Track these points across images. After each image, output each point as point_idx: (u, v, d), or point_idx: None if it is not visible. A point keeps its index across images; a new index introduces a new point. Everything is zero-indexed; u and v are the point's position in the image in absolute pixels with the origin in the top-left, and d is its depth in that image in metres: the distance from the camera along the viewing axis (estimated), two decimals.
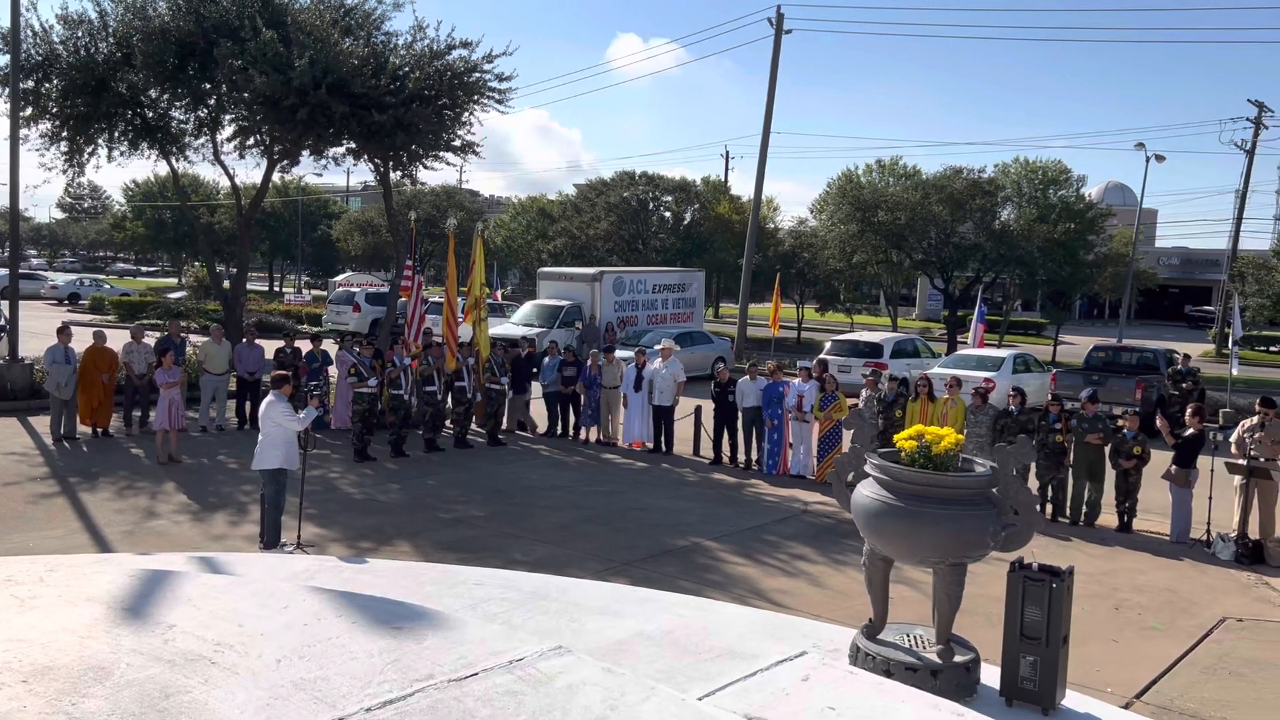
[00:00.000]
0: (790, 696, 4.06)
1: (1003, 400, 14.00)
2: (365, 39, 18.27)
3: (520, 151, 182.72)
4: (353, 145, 19.27)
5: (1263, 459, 11.19)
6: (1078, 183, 38.30)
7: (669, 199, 47.56)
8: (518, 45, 19.27)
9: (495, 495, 12.55)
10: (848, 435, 13.09)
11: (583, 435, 16.89)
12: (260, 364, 16.45)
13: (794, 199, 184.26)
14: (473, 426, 16.38)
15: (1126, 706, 6.64)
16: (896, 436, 5.64)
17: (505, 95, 18.89)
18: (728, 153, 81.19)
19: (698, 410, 16.06)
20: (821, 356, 21.89)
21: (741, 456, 15.11)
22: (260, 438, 9.63)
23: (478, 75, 18.44)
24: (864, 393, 14.10)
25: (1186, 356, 22.13)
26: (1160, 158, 44.46)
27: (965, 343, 30.63)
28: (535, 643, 4.03)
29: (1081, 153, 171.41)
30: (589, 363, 16.85)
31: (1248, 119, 45.75)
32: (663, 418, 15.87)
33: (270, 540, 9.61)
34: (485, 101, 18.80)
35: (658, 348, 16.87)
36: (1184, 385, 19.86)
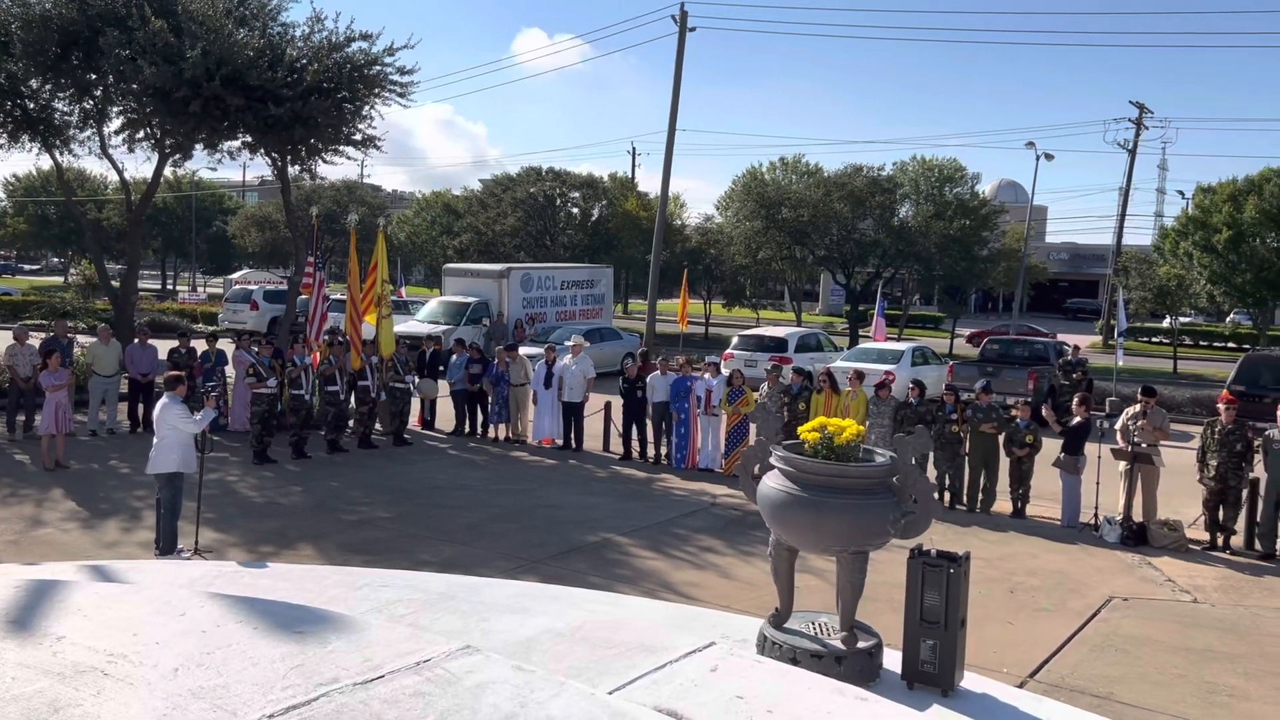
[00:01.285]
0: (699, 687, 4.10)
1: (903, 392, 14.38)
2: (261, 30, 17.76)
3: (424, 146, 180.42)
4: (248, 139, 18.74)
5: (1145, 445, 11.74)
6: (972, 180, 39.56)
7: (576, 195, 47.51)
8: (420, 39, 19.02)
9: (401, 496, 12.37)
10: (755, 428, 13.29)
11: (491, 433, 16.76)
12: (153, 365, 15.89)
13: (700, 196, 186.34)
14: (377, 426, 16.11)
15: (1021, 685, 6.89)
16: (800, 429, 5.74)
17: (407, 89, 18.62)
18: (634, 149, 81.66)
19: (607, 406, 16.09)
20: (726, 353, 22.12)
21: (651, 451, 15.20)
22: (155, 441, 9.31)
23: (378, 68, 18.12)
24: (764, 386, 14.33)
25: (1076, 348, 23.07)
26: (1049, 156, 46.31)
27: (867, 336, 31.36)
28: (443, 643, 3.98)
29: (976, 151, 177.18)
30: (496, 360, 16.72)
31: (1129, 120, 47.82)
32: (572, 414, 15.86)
33: (166, 546, 9.30)
34: (386, 95, 18.50)
35: (567, 344, 16.84)
36: (1074, 376, 20.71)
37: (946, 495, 12.86)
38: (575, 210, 47.85)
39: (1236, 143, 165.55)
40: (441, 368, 17.37)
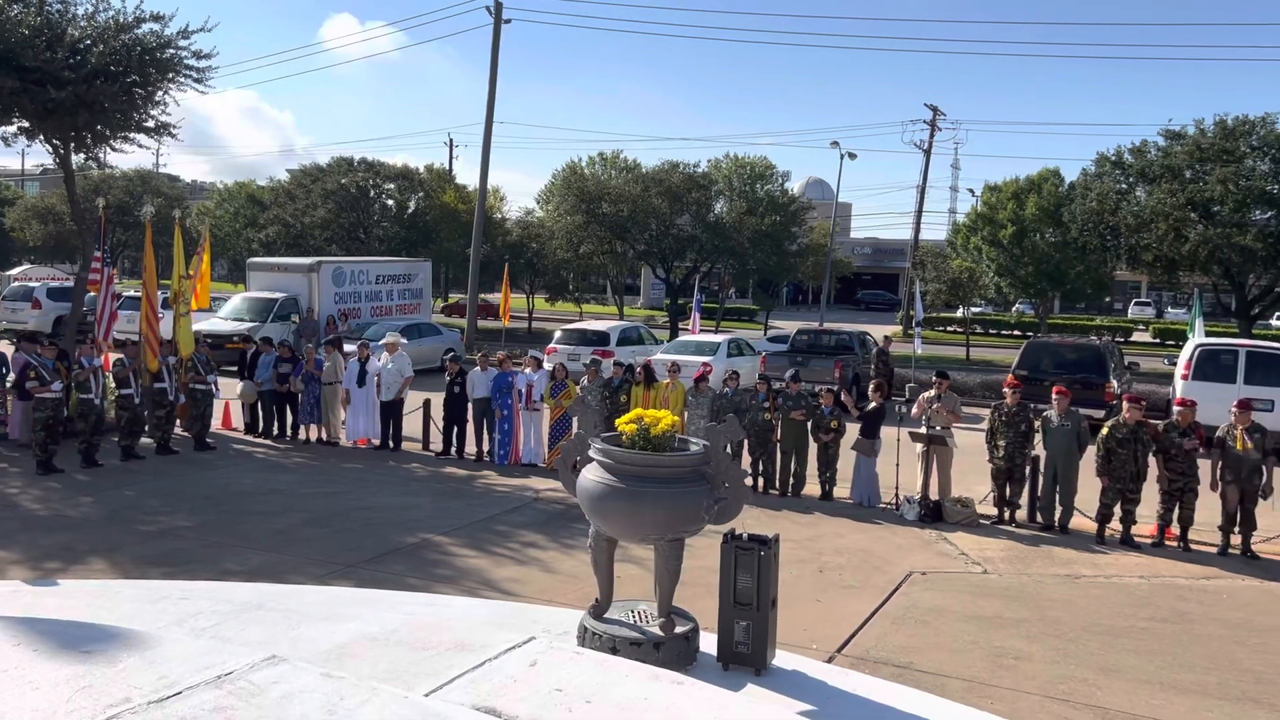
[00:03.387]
0: (518, 682, 4.08)
1: (720, 383, 14.78)
2: (38, 7, 16.37)
3: (226, 134, 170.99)
4: (25, 124, 17.25)
5: (939, 427, 12.52)
6: (782, 178, 41.11)
7: (391, 186, 46.25)
8: (218, 21, 17.93)
9: (204, 503, 11.73)
10: (576, 422, 13.35)
11: (302, 434, 16.12)
12: None
13: (521, 189, 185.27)
14: (177, 430, 15.20)
15: (829, 660, 7.23)
16: (618, 421, 5.80)
17: (205, 74, 17.59)
18: (451, 141, 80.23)
19: (426, 404, 15.78)
20: (550, 347, 22.09)
21: (472, 448, 15.01)
22: None
23: (172, 51, 17.04)
24: (584, 380, 14.43)
25: (888, 339, 24.36)
26: (852, 155, 48.60)
27: (687, 329, 32.07)
28: (247, 654, 3.80)
29: (785, 150, 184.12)
30: (306, 358, 16.09)
31: (925, 121, 50.82)
32: (390, 413, 15.46)
33: None
34: (182, 80, 17.41)
35: (382, 341, 16.40)
36: (889, 366, 21.96)
37: (760, 481, 13.32)
38: (391, 202, 46.58)
39: (1021, 144, 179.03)
40: (251, 367, 16.56)
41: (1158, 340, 47.33)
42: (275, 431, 16.14)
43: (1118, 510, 11.42)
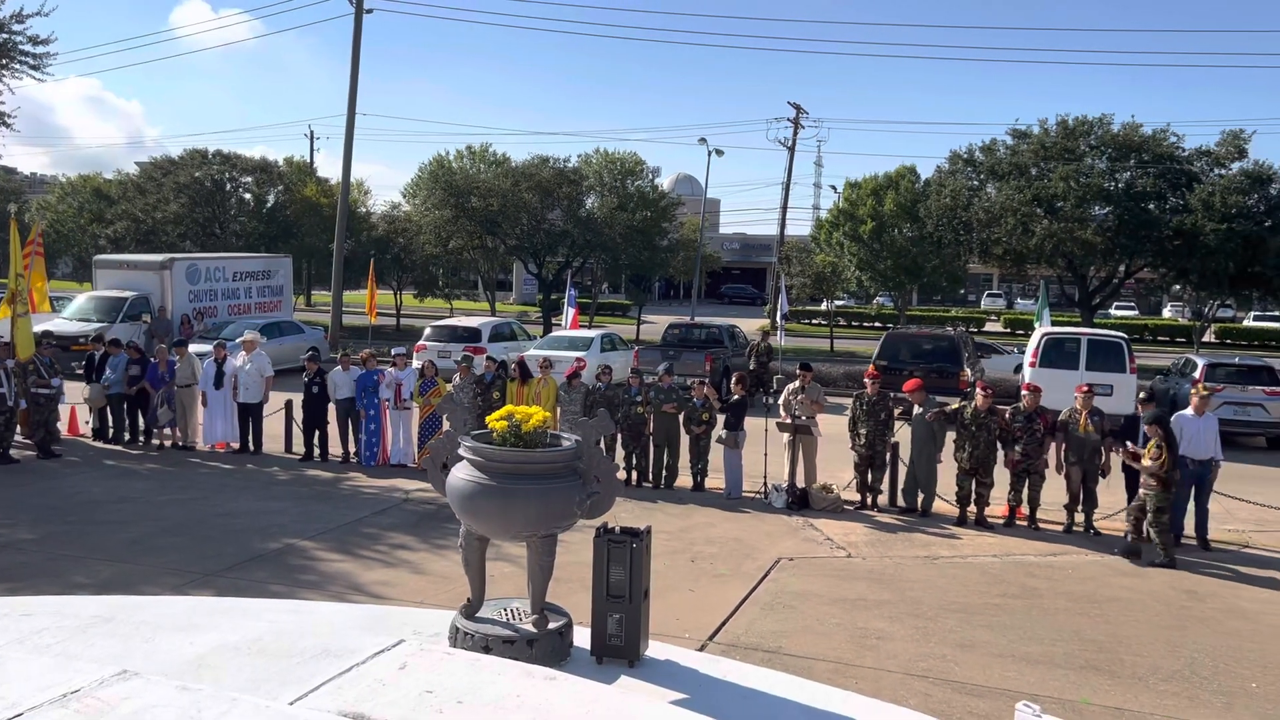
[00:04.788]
0: (388, 686, 4.00)
1: (593, 378, 14.79)
2: None
3: (68, 124, 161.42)
4: None
5: (804, 417, 12.86)
6: (652, 174, 41.36)
7: (249, 180, 44.53)
8: (56, 5, 16.93)
9: (49, 514, 11.07)
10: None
11: (156, 440, 15.38)
12: None
13: (387, 182, 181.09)
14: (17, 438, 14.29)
15: (701, 648, 7.35)
16: (488, 418, 5.74)
17: (42, 60, 16.65)
18: (312, 133, 77.45)
19: (288, 405, 15.27)
20: (419, 344, 21.68)
21: (337, 450, 14.61)
22: None
23: (5, 36, 16.02)
24: (456, 378, 14.24)
25: (766, 333, 24.80)
26: (720, 152, 49.46)
27: (560, 325, 31.98)
28: (95, 670, 3.61)
29: (655, 146, 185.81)
30: (159, 359, 15.35)
31: (788, 119, 52.00)
32: (249, 415, 14.90)
33: None
34: (16, 67, 16.41)
35: (240, 340, 15.79)
36: (766, 362, 22.42)
37: (633, 474, 13.42)
38: (248, 196, 44.84)
39: (880, 143, 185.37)
40: (98, 370, 15.69)
41: (1008, 330, 49.78)
42: (126, 437, 15.36)
43: (973, 493, 11.97)
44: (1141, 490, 10.74)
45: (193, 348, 16.61)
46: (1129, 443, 11.21)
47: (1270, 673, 7.56)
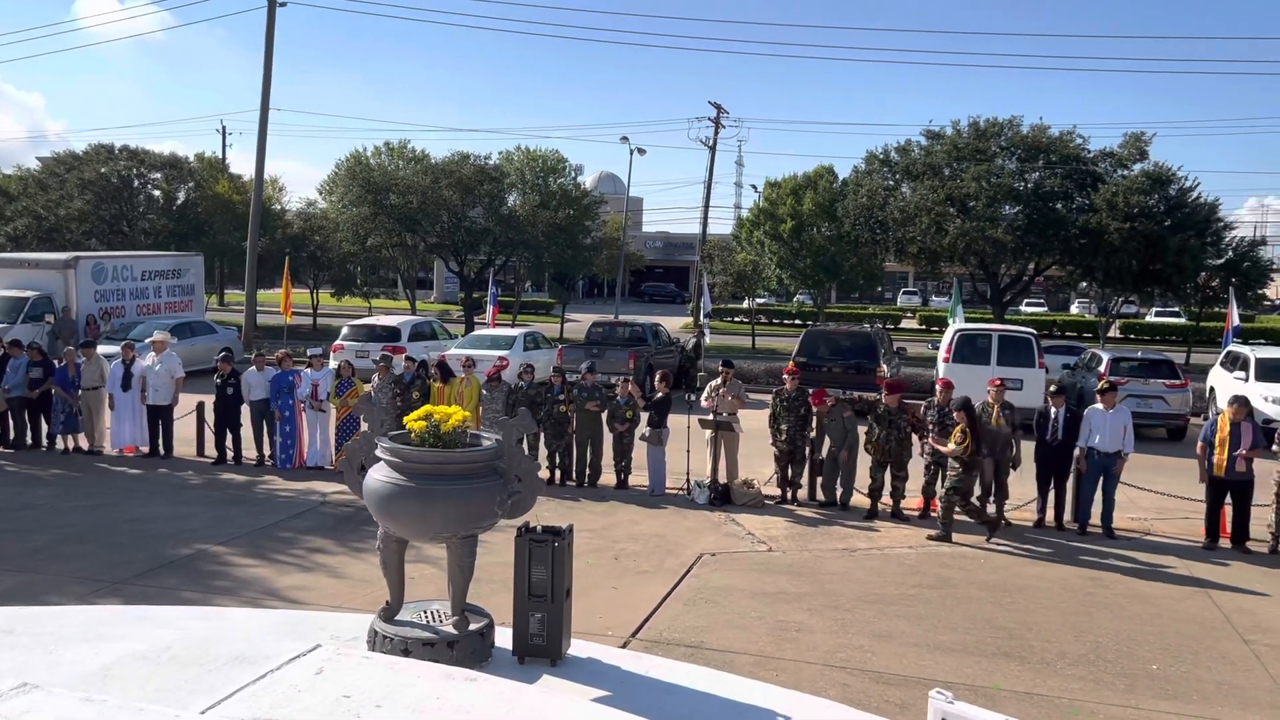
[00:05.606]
0: (303, 692, 3.93)
1: (515, 376, 14.72)
2: None
3: None
4: None
5: (725, 414, 12.99)
6: (574, 172, 41.27)
7: (158, 176, 43.19)
8: None
9: None
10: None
11: (60, 444, 14.83)
12: None
13: (303, 179, 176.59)
14: None
15: (624, 645, 7.37)
16: (406, 418, 5.67)
17: None
18: (224, 128, 75.66)
19: (200, 407, 14.87)
20: (336, 344, 21.25)
21: (252, 453, 14.28)
22: None
23: None
24: (375, 378, 14.05)
25: (700, 331, 24.96)
26: (642, 151, 49.55)
27: (483, 323, 31.72)
28: None
29: (577, 144, 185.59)
30: (63, 361, 14.81)
31: (709, 119, 52.41)
32: (159, 417, 14.47)
33: None
34: None
35: (149, 341, 15.32)
36: (694, 358, 22.61)
37: (557, 473, 13.39)
38: (158, 193, 43.48)
39: (799, 142, 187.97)
40: None
41: (924, 326, 50.93)
42: (29, 442, 14.78)
43: (888, 486, 12.23)
44: (949, 471, 11.24)
45: (100, 349, 16.06)
46: (930, 434, 11.69)
47: (1170, 654, 7.89)
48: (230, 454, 14.24)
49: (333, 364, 15.06)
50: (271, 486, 12.97)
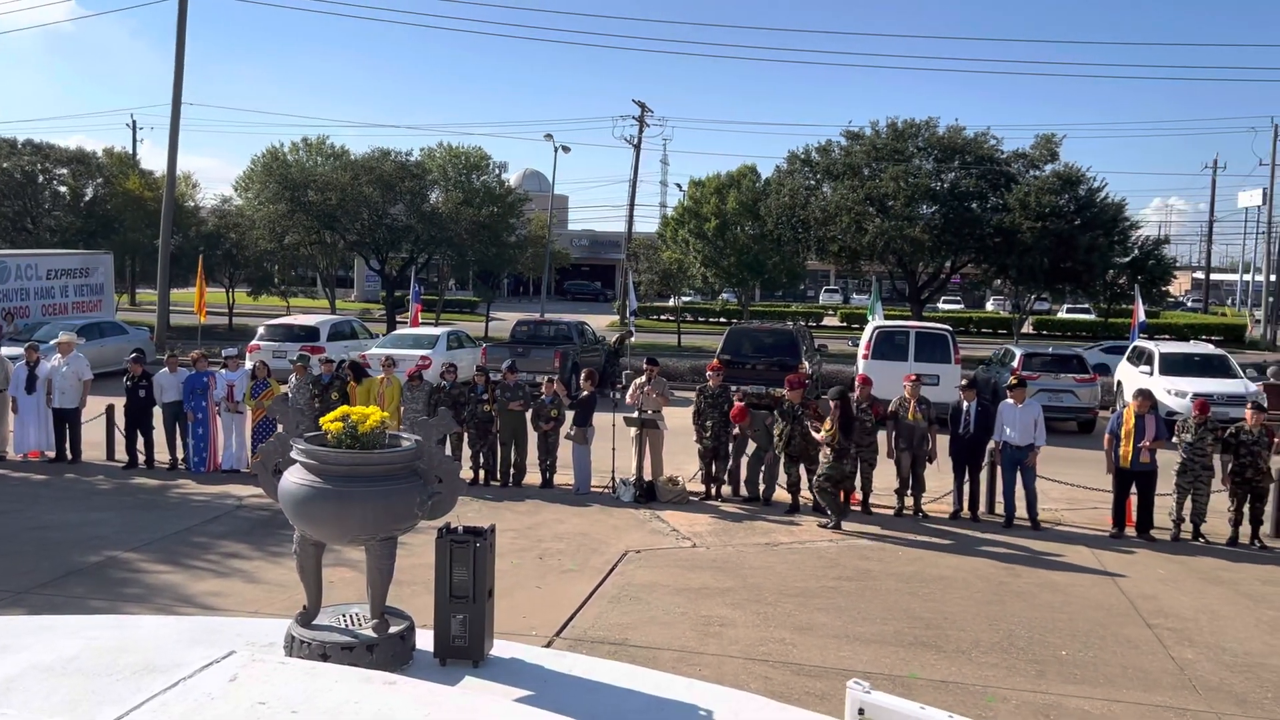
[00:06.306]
0: (216, 700, 3.85)
1: (437, 376, 14.57)
2: None
3: None
4: None
5: (650, 412, 13.04)
6: (498, 169, 40.96)
7: (64, 172, 41.69)
8: None
9: None
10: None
11: None
12: None
13: (218, 176, 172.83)
14: None
15: (548, 644, 7.36)
16: (323, 419, 5.58)
17: None
18: (135, 122, 73.13)
19: (109, 409, 14.41)
20: (252, 344, 20.78)
21: (165, 456, 13.88)
22: None
23: None
24: (292, 378, 13.79)
25: (629, 331, 24.96)
26: (566, 149, 49.45)
27: (405, 322, 31.31)
28: None
29: (501, 141, 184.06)
30: None
31: (634, 118, 52.50)
32: (66, 421, 13.97)
33: None
34: None
35: (55, 342, 14.79)
36: (620, 357, 22.58)
37: (481, 473, 13.29)
38: (64, 189, 41.97)
39: (723, 142, 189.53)
40: None
41: (845, 324, 51.78)
42: None
43: (805, 480, 12.39)
44: (821, 459, 11.59)
45: (3, 350, 15.45)
46: (809, 420, 11.97)
47: (1078, 640, 8.16)
48: (142, 458, 13.82)
49: (248, 365, 14.72)
50: (185, 491, 12.63)
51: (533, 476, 13.38)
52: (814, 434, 11.78)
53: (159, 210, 33.30)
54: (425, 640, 5.64)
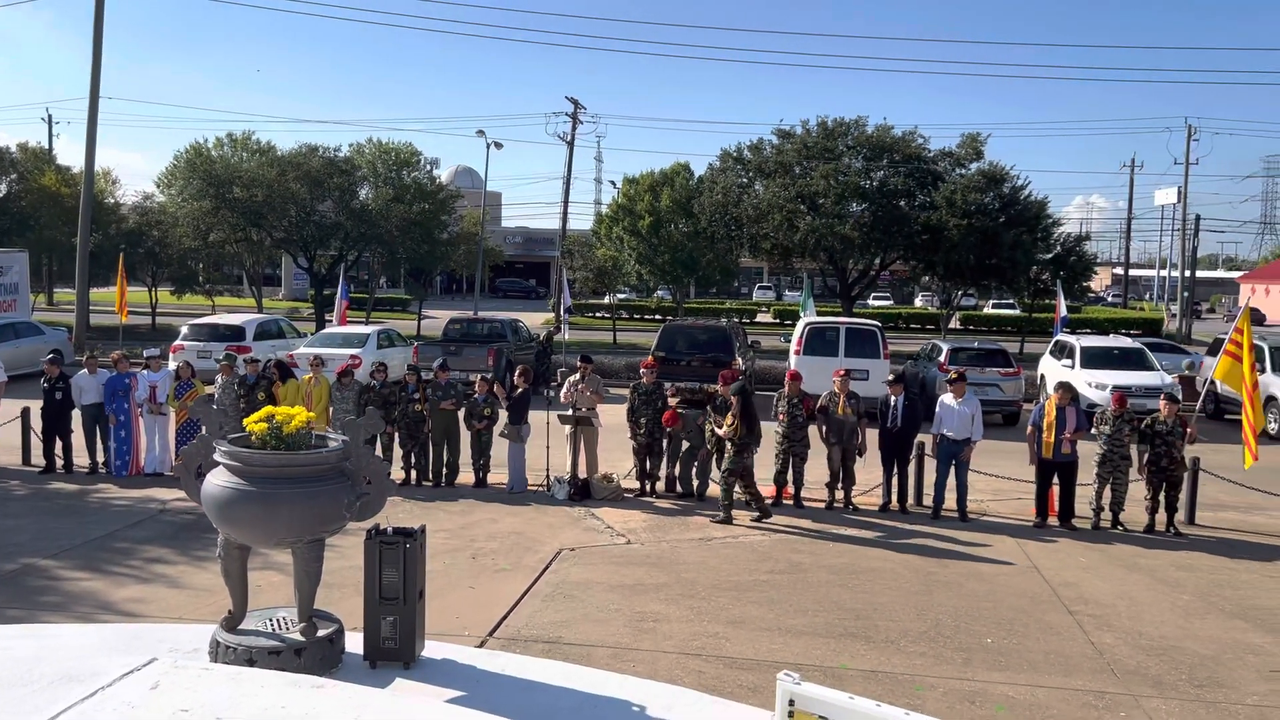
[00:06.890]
0: (137, 709, 3.77)
1: (367, 375, 14.38)
2: None
3: None
4: None
5: (584, 409, 13.03)
6: (430, 165, 40.53)
7: None
8: None
9: None
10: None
11: None
12: None
13: (140, 172, 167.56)
14: None
15: (481, 645, 7.32)
16: (246, 420, 5.48)
17: None
18: (50, 116, 70.83)
19: (25, 412, 13.94)
20: (176, 344, 20.29)
21: (84, 460, 13.48)
22: None
23: None
24: (219, 378, 13.49)
25: (557, 329, 24.87)
26: (499, 145, 49.02)
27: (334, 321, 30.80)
28: None
29: (432, 137, 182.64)
30: None
31: (567, 114, 52.35)
32: None
33: None
34: None
35: None
36: (550, 354, 22.50)
37: (413, 473, 13.15)
38: None
39: (656, 139, 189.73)
40: None
41: (778, 320, 52.30)
42: None
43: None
44: (725, 454, 11.70)
45: None
46: (714, 414, 12.16)
47: (1003, 628, 8.36)
48: (60, 462, 13.40)
49: (172, 365, 14.37)
50: (106, 495, 12.27)
51: (466, 476, 13.28)
52: (717, 430, 11.89)
53: (77, 207, 32.26)
54: (355, 643, 5.57)
